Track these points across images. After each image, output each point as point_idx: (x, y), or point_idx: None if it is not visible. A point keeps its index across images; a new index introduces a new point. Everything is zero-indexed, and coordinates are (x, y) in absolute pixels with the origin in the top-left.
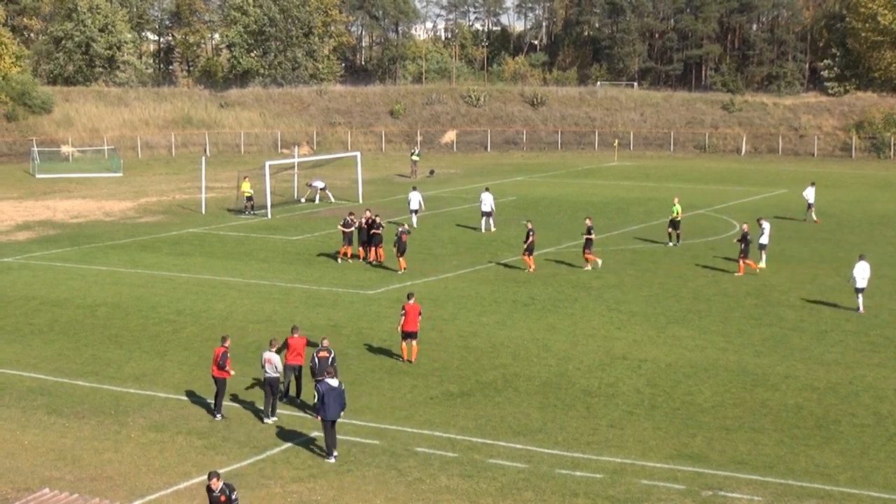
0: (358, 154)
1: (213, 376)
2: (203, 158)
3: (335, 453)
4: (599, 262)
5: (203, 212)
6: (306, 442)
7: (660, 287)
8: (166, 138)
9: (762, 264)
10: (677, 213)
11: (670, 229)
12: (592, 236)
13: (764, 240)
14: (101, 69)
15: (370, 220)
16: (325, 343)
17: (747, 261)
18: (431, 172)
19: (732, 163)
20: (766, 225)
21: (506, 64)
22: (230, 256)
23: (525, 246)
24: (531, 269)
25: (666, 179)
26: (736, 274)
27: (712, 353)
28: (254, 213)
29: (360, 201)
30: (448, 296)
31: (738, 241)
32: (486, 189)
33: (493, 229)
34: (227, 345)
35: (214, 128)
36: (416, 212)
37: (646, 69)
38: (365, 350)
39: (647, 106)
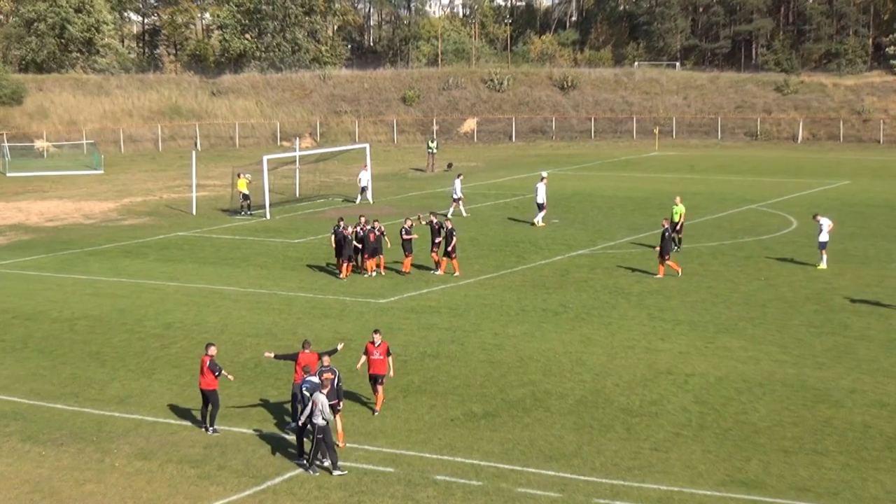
0: (367, 146)
1: (201, 390)
2: (193, 153)
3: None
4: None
5: (194, 213)
6: (300, 475)
7: (708, 292)
8: (152, 131)
9: (822, 265)
10: (679, 216)
11: (672, 234)
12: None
13: (823, 237)
14: (78, 54)
15: (362, 229)
16: (327, 362)
17: (669, 262)
18: (449, 166)
19: (788, 151)
20: (824, 221)
21: (532, 43)
22: (224, 262)
23: (450, 248)
24: (440, 273)
25: (713, 171)
26: (656, 276)
27: (768, 366)
28: (250, 214)
29: (371, 200)
30: (469, 304)
31: (662, 241)
32: (542, 178)
33: (539, 223)
34: (211, 353)
35: (206, 119)
36: (459, 200)
37: (689, 47)
38: None
39: (691, 89)
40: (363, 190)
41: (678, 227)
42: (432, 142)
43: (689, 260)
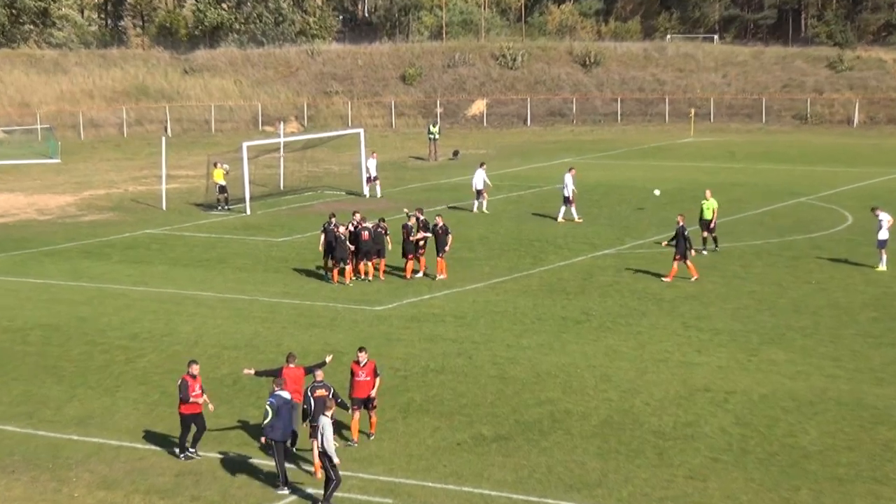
0: (361, 131)
1: (180, 414)
2: (163, 139)
3: (284, 485)
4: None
5: (164, 207)
6: (295, 502)
7: (751, 297)
8: (116, 114)
9: (882, 266)
10: (711, 212)
11: (705, 233)
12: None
13: (883, 235)
14: (31, 26)
15: (358, 226)
16: (320, 377)
17: (685, 262)
18: (455, 154)
19: (842, 136)
20: (884, 217)
21: (549, 14)
22: (199, 264)
23: (447, 248)
24: (408, 276)
25: (756, 159)
26: (664, 279)
27: (819, 382)
28: (228, 209)
29: (366, 193)
30: (478, 312)
31: (671, 241)
32: (571, 169)
33: (560, 219)
34: (193, 371)
35: (177, 100)
36: (480, 192)
37: (729, 18)
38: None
39: (732, 65)
40: (371, 180)
41: (711, 226)
42: (434, 126)
43: (730, 261)
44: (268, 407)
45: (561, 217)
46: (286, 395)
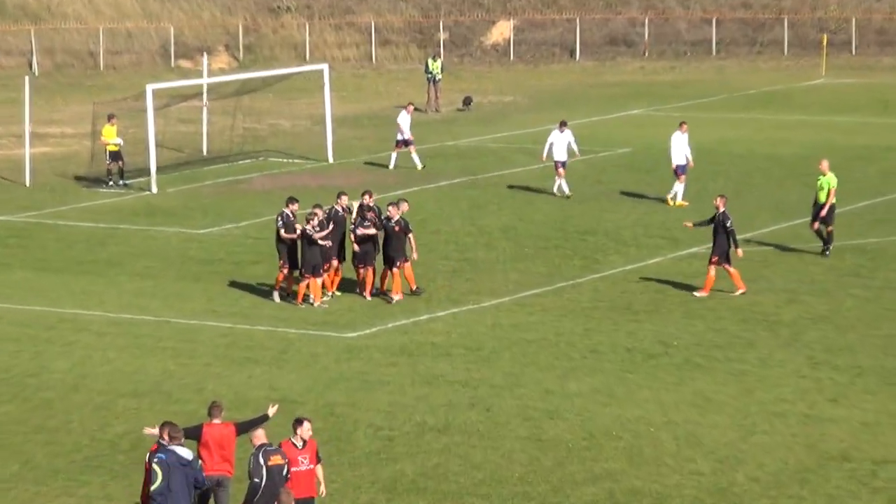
0: (325, 68)
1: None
2: (26, 80)
3: None
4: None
5: (27, 182)
6: None
7: None
8: None
9: None
10: (827, 193)
11: (817, 224)
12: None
13: None
14: None
15: (332, 213)
16: (261, 438)
17: (729, 268)
18: (467, 102)
19: None
20: None
21: None
22: (81, 269)
23: (414, 254)
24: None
25: None
26: (697, 293)
27: None
28: (125, 185)
29: (330, 160)
30: (501, 341)
31: (701, 224)
32: (681, 125)
33: (677, 201)
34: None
35: (47, 21)
36: (563, 164)
37: None
38: (343, 447)
39: None
40: (403, 144)
41: (822, 213)
42: (434, 61)
43: (879, 264)
44: (155, 467)
45: (680, 198)
46: (185, 452)
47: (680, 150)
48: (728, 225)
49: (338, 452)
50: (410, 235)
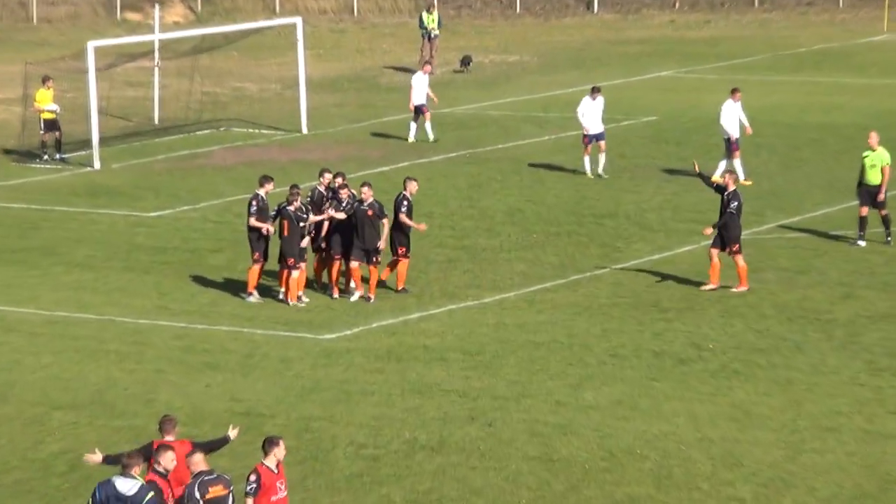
0: (298, 22)
1: None
2: None
3: None
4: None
5: None
6: None
7: None
8: None
9: None
10: (881, 172)
11: (864, 209)
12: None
13: None
14: None
15: (314, 195)
16: (201, 463)
17: (738, 258)
18: (465, 63)
19: None
20: None
21: None
22: (11, 257)
23: (380, 243)
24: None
25: None
26: (705, 287)
27: None
28: (62, 159)
29: (304, 130)
30: (505, 344)
31: (709, 182)
32: (734, 92)
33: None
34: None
35: None
36: (598, 138)
37: None
38: (320, 469)
39: None
40: (420, 112)
41: (880, 197)
42: (429, 14)
43: None
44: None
45: (742, 177)
46: (125, 485)
47: (734, 121)
48: (733, 208)
49: (313, 475)
50: (384, 221)
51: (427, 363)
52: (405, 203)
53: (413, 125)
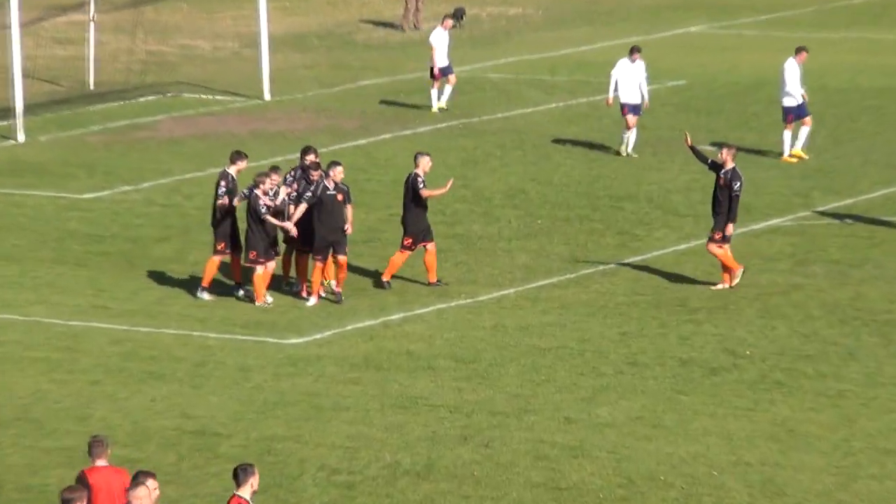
0: None
1: None
2: None
3: None
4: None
5: None
6: None
7: None
8: None
9: None
10: None
11: None
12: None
13: None
14: None
15: (296, 174)
16: (141, 499)
17: (719, 246)
18: (457, 16)
19: None
20: None
21: None
22: None
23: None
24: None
25: None
26: (715, 286)
27: None
28: None
29: (267, 96)
30: (503, 349)
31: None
32: (799, 51)
33: (798, 155)
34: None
35: None
36: (635, 110)
37: None
38: (285, 497)
39: None
40: (441, 73)
41: None
42: None
43: None
44: None
45: (800, 146)
46: None
47: (796, 85)
48: (736, 188)
49: None
50: (350, 206)
51: (411, 373)
52: (420, 181)
53: (434, 91)
